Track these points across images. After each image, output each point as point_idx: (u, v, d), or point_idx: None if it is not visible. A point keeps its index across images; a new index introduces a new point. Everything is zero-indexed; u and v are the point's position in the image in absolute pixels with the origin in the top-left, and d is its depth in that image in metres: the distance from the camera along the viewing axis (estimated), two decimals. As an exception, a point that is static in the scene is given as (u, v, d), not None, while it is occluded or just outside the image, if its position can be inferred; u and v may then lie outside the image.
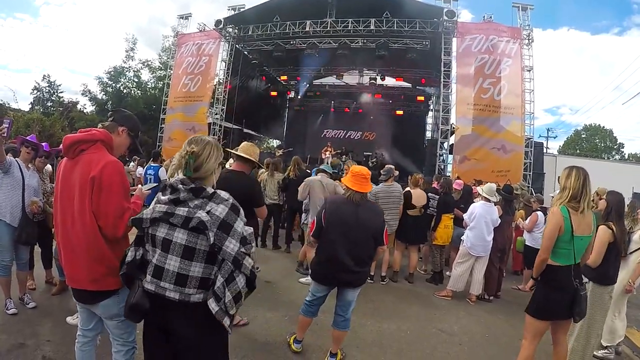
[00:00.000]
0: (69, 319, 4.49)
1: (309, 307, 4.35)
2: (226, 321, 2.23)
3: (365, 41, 18.26)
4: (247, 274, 2.27)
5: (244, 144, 4.71)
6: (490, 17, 16.08)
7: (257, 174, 8.77)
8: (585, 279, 4.07)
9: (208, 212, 2.22)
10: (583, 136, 59.38)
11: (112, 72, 27.24)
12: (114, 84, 27.03)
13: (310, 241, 4.28)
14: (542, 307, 3.64)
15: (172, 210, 2.25)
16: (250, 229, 2.38)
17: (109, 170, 2.56)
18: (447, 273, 7.77)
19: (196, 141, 2.40)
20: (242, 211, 2.35)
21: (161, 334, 2.35)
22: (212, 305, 2.20)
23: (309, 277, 4.70)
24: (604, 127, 58.61)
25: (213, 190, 2.33)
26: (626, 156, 57.32)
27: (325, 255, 4.10)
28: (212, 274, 2.29)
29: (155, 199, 2.39)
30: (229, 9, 19.32)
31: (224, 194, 2.34)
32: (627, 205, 5.07)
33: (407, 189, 7.85)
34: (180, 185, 2.27)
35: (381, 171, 7.55)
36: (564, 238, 3.48)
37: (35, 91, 29.10)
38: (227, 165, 6.69)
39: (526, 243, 7.82)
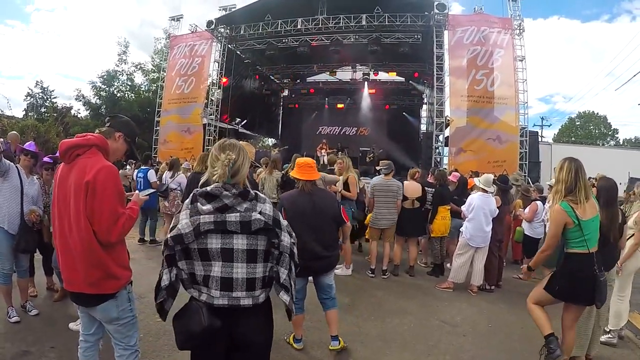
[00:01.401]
0: (71, 325, 4.49)
1: (295, 304, 4.36)
2: (294, 307, 2.46)
3: (357, 37, 18.30)
4: (296, 262, 2.46)
5: (246, 147, 4.71)
6: (481, 8, 16.14)
7: (254, 172, 8.77)
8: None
9: (260, 213, 2.26)
10: (577, 123, 59.65)
11: (105, 76, 27.12)
12: (107, 88, 26.91)
13: None
14: (564, 291, 3.72)
15: (222, 219, 2.20)
16: (286, 222, 2.47)
17: (103, 175, 2.57)
18: (448, 265, 7.80)
19: (231, 147, 2.39)
20: None
21: (223, 349, 2.31)
22: (284, 297, 2.34)
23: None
24: (597, 113, 58.95)
25: (254, 191, 2.36)
26: (621, 142, 57.67)
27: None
28: (268, 270, 2.36)
29: (187, 212, 2.27)
30: (220, 9, 19.27)
31: (261, 193, 2.40)
32: (624, 191, 5.11)
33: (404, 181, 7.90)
34: (225, 192, 2.23)
35: (382, 166, 7.55)
36: (574, 229, 3.57)
37: (28, 97, 28.99)
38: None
39: (525, 233, 7.86)
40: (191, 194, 2.31)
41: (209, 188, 2.26)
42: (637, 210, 5.06)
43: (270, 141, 29.86)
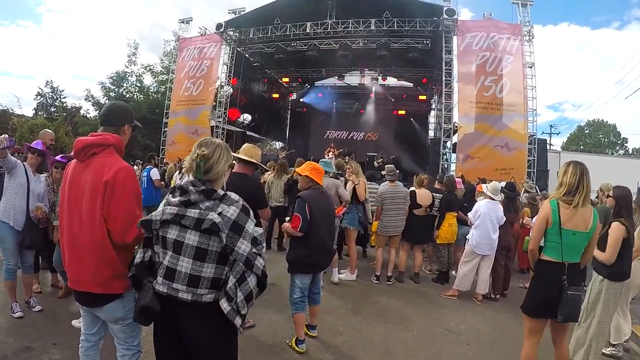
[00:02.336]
0: (74, 322, 4.49)
1: (300, 302, 4.58)
2: (237, 321, 2.27)
3: (365, 42, 18.28)
4: (258, 274, 2.30)
5: (245, 145, 4.76)
6: (490, 14, 16.04)
7: (260, 175, 8.76)
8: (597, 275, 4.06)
9: (219, 214, 2.24)
10: (586, 132, 59.36)
11: (114, 77, 27.30)
12: (116, 89, 27.07)
13: (295, 234, 4.51)
14: (532, 304, 3.63)
15: (183, 212, 2.26)
16: (261, 230, 2.41)
17: (123, 175, 2.57)
18: (453, 272, 7.74)
19: (206, 144, 2.42)
20: (251, 212, 2.38)
21: (174, 336, 2.36)
22: (224, 305, 2.23)
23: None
24: (607, 122, 58.65)
25: (224, 192, 2.35)
26: (630, 151, 57.30)
27: (316, 245, 4.49)
28: (224, 274, 2.32)
29: (163, 201, 2.43)
30: (229, 13, 19.32)
31: (234, 195, 2.36)
32: (634, 202, 5.05)
33: (412, 188, 7.85)
34: (191, 187, 2.29)
35: (386, 172, 7.53)
36: (552, 230, 3.48)
37: (38, 97, 29.25)
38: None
39: (533, 241, 7.77)
40: (172, 186, 2.40)
41: (182, 182, 2.38)
42: None
43: (278, 144, 29.88)
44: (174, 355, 2.42)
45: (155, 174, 8.78)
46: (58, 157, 5.34)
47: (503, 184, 7.30)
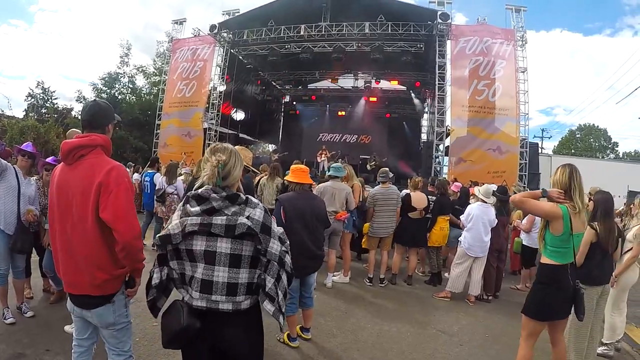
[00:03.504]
0: (66, 328, 4.42)
1: (290, 305, 4.54)
2: (281, 320, 2.33)
3: (359, 45, 18.32)
4: (289, 271, 2.39)
5: (242, 151, 4.75)
6: (484, 19, 16.19)
7: (253, 178, 8.74)
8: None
9: (248, 217, 2.23)
10: (577, 136, 59.82)
11: (106, 78, 27.08)
12: (108, 90, 26.80)
13: None
14: (541, 308, 3.63)
15: (209, 221, 2.21)
16: (282, 229, 2.47)
17: (116, 173, 2.52)
18: (446, 274, 7.78)
19: (222, 150, 2.39)
20: (269, 213, 2.39)
21: (208, 352, 2.32)
22: (268, 307, 2.27)
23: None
24: (598, 126, 59.16)
25: (246, 196, 2.34)
26: (621, 155, 57.82)
27: (293, 246, 4.29)
28: (255, 277, 2.33)
29: (178, 213, 2.33)
30: (223, 14, 19.32)
31: (254, 199, 2.36)
32: (624, 204, 5.13)
33: (407, 191, 7.88)
34: (213, 194, 2.24)
35: (380, 174, 7.54)
36: (563, 237, 3.47)
37: (29, 98, 28.94)
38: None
39: (523, 243, 7.84)
40: (185, 196, 2.36)
41: (200, 190, 2.28)
42: (637, 224, 5.06)
43: (271, 147, 29.82)
44: None
45: (158, 179, 8.72)
46: (49, 160, 5.29)
47: (494, 187, 7.33)
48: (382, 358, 4.60)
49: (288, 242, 2.44)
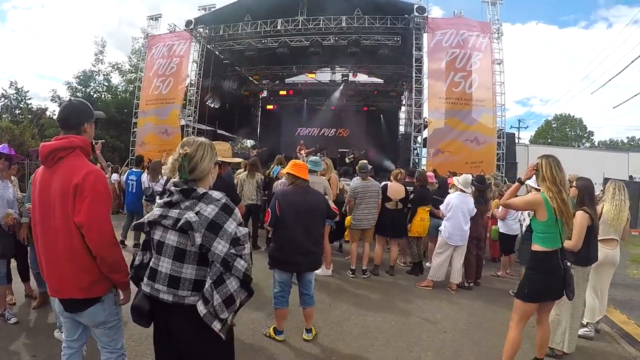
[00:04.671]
0: (56, 334, 4.36)
1: (280, 297, 4.63)
2: (216, 325, 2.17)
3: (336, 38, 18.28)
4: (239, 277, 2.20)
5: (217, 145, 4.71)
6: (461, 12, 16.30)
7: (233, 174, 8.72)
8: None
9: (197, 213, 2.21)
10: (554, 126, 60.89)
11: (81, 77, 26.65)
12: (83, 89, 26.40)
13: (266, 228, 4.72)
14: (534, 292, 3.78)
15: (166, 213, 2.27)
16: (245, 230, 2.32)
17: (93, 178, 2.51)
18: (427, 264, 7.89)
19: (189, 143, 2.41)
20: (236, 211, 2.32)
21: (166, 336, 2.37)
22: (200, 308, 2.16)
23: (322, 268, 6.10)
24: (573, 116, 60.44)
25: (204, 190, 2.31)
26: (596, 143, 59.03)
27: (285, 240, 4.49)
28: (206, 275, 2.23)
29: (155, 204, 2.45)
30: (199, 9, 19.04)
31: (216, 193, 2.31)
32: (600, 190, 5.29)
33: (387, 182, 7.97)
34: (173, 188, 2.29)
35: (360, 168, 7.61)
36: (549, 222, 3.65)
37: (2, 99, 28.38)
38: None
39: (500, 231, 8.00)
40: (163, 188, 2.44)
41: (169, 183, 2.37)
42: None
43: (249, 142, 29.69)
44: (167, 355, 2.42)
45: (145, 178, 8.60)
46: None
47: (468, 177, 7.44)
48: (368, 347, 4.66)
49: (246, 246, 2.28)
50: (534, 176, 3.89)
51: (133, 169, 9.53)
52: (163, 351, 2.44)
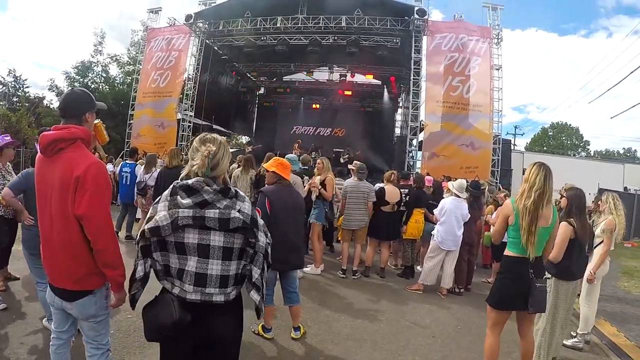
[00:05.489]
0: (44, 322, 4.30)
1: (267, 296, 4.49)
2: (263, 307, 2.46)
3: (335, 38, 18.32)
4: (270, 262, 2.43)
5: None
6: (461, 16, 16.34)
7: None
8: (547, 275, 4.20)
9: (239, 211, 2.24)
10: (550, 134, 61.05)
11: (79, 67, 26.59)
12: (81, 79, 26.34)
13: None
14: (499, 297, 3.77)
15: (202, 214, 2.19)
16: (262, 221, 2.45)
17: (94, 171, 2.46)
18: (418, 267, 7.88)
19: (211, 140, 2.37)
20: None
21: (191, 345, 2.31)
22: (255, 296, 2.35)
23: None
24: (570, 125, 60.53)
25: (235, 189, 2.34)
26: (592, 153, 59.24)
27: (277, 238, 4.35)
28: (241, 268, 2.36)
29: (165, 204, 2.24)
30: (199, 4, 18.95)
31: (240, 191, 2.37)
32: (592, 202, 5.30)
33: (381, 185, 7.94)
34: (207, 187, 2.21)
35: (359, 169, 7.59)
36: (514, 227, 3.64)
37: (0, 86, 28.26)
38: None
39: (493, 237, 7.97)
40: (171, 186, 2.28)
41: (190, 181, 2.23)
42: (604, 219, 5.22)
43: (244, 139, 29.62)
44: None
45: (139, 170, 8.57)
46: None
47: (463, 182, 7.44)
48: (356, 349, 4.65)
49: (269, 234, 2.45)
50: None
51: (127, 161, 9.48)
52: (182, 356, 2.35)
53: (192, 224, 2.19)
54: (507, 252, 3.75)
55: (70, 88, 3.01)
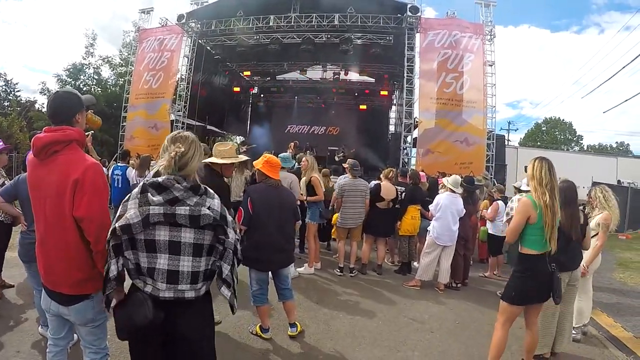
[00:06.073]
0: (40, 330, 4.25)
1: (260, 295, 4.60)
2: (235, 303, 2.49)
3: (329, 36, 18.28)
4: (240, 258, 2.51)
5: (219, 146, 4.62)
6: (454, 13, 16.33)
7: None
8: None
9: (209, 208, 2.27)
10: (543, 129, 61.36)
11: (71, 69, 26.44)
12: (73, 82, 26.17)
13: (239, 227, 4.48)
14: (520, 294, 3.78)
15: (172, 211, 2.21)
16: (230, 218, 2.47)
17: (92, 172, 2.44)
18: (415, 263, 7.89)
19: (182, 139, 2.39)
20: None
21: (160, 342, 2.33)
22: (225, 292, 2.41)
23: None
24: (563, 120, 60.83)
25: (204, 186, 2.37)
26: (585, 147, 59.54)
27: (260, 238, 4.41)
28: (210, 264, 2.41)
29: (135, 202, 2.26)
30: (191, 4, 18.84)
31: (210, 189, 2.41)
32: (587, 195, 5.32)
33: (377, 182, 7.94)
34: (177, 185, 2.24)
35: (353, 166, 7.54)
36: (537, 225, 3.63)
37: (-9, 90, 28.13)
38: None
39: (489, 232, 8.00)
40: (141, 184, 2.30)
41: (160, 179, 2.27)
42: (598, 214, 5.23)
43: (239, 139, 29.54)
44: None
45: (131, 173, 8.51)
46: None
47: (458, 177, 7.45)
48: (355, 347, 4.65)
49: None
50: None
51: (119, 164, 9.42)
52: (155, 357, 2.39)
53: (163, 221, 2.21)
54: (527, 250, 3.73)
55: (54, 91, 2.94)
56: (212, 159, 4.46)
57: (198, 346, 2.39)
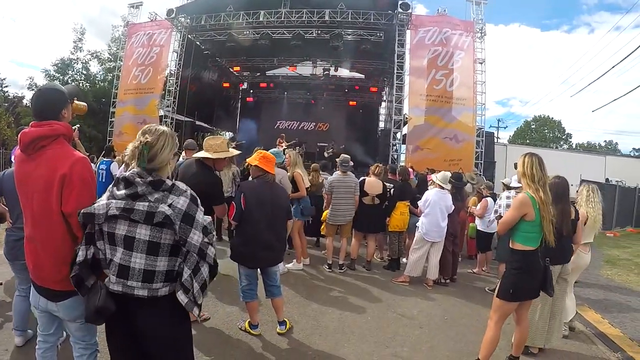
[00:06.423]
0: (29, 331, 4.24)
1: (248, 291, 4.57)
2: (195, 311, 2.28)
3: (319, 32, 18.22)
4: (210, 263, 2.31)
5: (210, 140, 4.58)
6: (445, 10, 16.33)
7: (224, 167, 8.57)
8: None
9: (170, 205, 2.20)
10: (533, 127, 61.76)
11: (59, 65, 26.13)
12: (61, 77, 25.88)
13: (232, 222, 4.56)
14: (515, 291, 3.79)
15: (132, 206, 2.18)
16: (209, 218, 2.39)
17: (80, 167, 2.42)
18: (404, 260, 7.92)
19: (150, 131, 2.35)
20: (199, 201, 2.35)
21: (128, 335, 2.31)
22: (182, 297, 2.22)
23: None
24: (552, 118, 61.24)
25: (172, 182, 2.30)
26: (574, 146, 60.02)
27: (249, 235, 4.40)
28: (176, 265, 2.31)
29: (107, 193, 2.30)
30: (180, -2, 18.77)
31: (182, 185, 2.33)
32: (576, 192, 5.38)
33: (365, 177, 7.94)
34: (138, 179, 2.21)
35: (342, 162, 7.53)
36: (534, 223, 3.66)
37: (-23, 86, 27.76)
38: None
39: (478, 228, 8.03)
40: (116, 177, 2.30)
41: (126, 173, 2.26)
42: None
43: (228, 134, 29.41)
44: (130, 355, 2.38)
45: (115, 168, 8.45)
46: None
47: (447, 174, 7.47)
48: (344, 342, 4.66)
49: (214, 233, 2.42)
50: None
51: (103, 159, 9.37)
52: (125, 350, 2.39)
53: (118, 214, 2.19)
54: (522, 246, 3.73)
55: (37, 88, 2.89)
56: (204, 154, 4.41)
57: (157, 347, 2.33)
